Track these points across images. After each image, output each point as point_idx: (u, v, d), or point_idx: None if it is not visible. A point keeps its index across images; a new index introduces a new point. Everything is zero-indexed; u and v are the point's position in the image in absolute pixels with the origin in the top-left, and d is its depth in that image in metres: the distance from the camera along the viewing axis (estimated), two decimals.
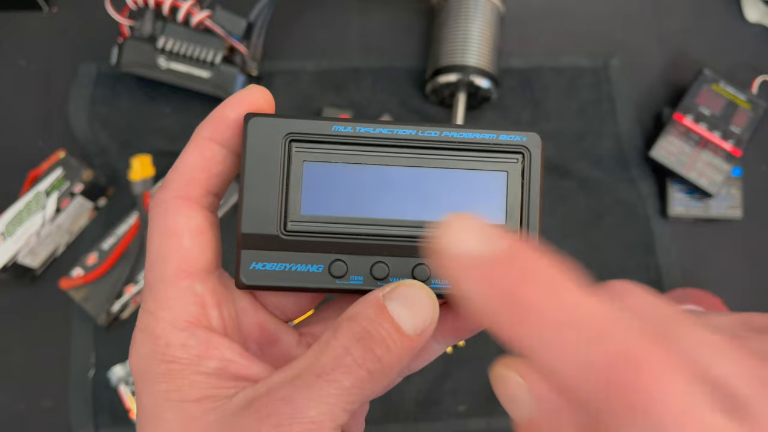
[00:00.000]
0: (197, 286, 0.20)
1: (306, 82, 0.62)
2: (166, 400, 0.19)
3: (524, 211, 0.22)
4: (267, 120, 0.21)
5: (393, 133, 0.22)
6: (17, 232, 0.53)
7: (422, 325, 0.19)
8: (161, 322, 0.19)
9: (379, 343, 0.18)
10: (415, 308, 0.19)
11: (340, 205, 0.21)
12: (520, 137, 0.22)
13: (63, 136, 0.60)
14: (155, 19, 0.57)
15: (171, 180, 0.21)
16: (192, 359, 0.19)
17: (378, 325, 0.18)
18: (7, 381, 0.55)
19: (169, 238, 0.20)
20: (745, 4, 0.66)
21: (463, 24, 0.58)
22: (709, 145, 0.58)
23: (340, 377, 0.18)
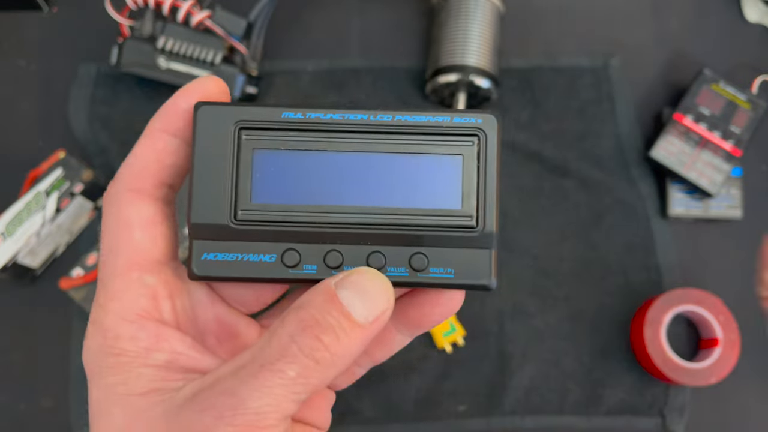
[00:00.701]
0: (148, 278, 0.20)
1: (306, 81, 0.62)
2: (113, 393, 0.18)
3: (480, 195, 0.21)
4: (216, 108, 0.21)
5: (344, 118, 0.21)
6: (17, 232, 0.53)
7: (374, 312, 0.19)
8: (110, 314, 0.19)
9: (327, 331, 0.18)
10: (367, 296, 0.19)
11: (292, 193, 0.21)
12: (474, 119, 0.21)
13: (63, 136, 0.60)
14: (155, 19, 0.57)
15: (122, 173, 0.21)
16: (140, 352, 0.19)
17: (326, 313, 0.18)
18: (7, 381, 0.55)
19: (119, 231, 0.20)
20: (745, 5, 0.66)
21: (463, 24, 0.58)
22: (709, 145, 0.58)
23: (285, 367, 0.17)
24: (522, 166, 0.60)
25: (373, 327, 0.19)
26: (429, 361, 0.55)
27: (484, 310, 0.57)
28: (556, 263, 0.58)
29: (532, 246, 0.58)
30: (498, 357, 0.55)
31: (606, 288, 0.57)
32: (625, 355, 0.56)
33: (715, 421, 0.55)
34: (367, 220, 0.21)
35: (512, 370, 0.55)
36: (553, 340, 0.56)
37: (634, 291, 0.57)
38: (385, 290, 0.19)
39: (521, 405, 0.55)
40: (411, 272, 0.21)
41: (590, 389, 0.55)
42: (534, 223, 0.59)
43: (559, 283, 0.57)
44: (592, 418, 0.54)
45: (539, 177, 0.60)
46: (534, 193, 0.60)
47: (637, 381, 0.55)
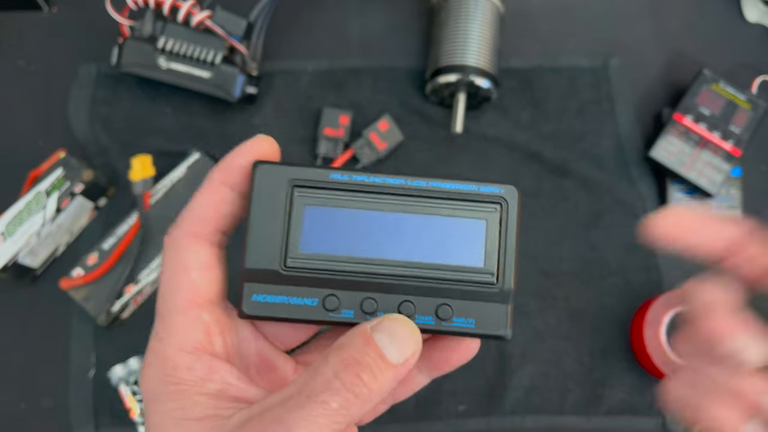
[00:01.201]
0: (204, 315, 0.22)
1: (306, 82, 0.62)
2: (171, 418, 0.20)
3: (501, 256, 0.24)
4: (273, 167, 0.24)
5: (384, 182, 0.24)
6: (17, 232, 0.53)
7: (405, 354, 0.21)
8: (170, 347, 0.21)
9: (365, 369, 0.20)
10: (399, 339, 0.21)
11: (335, 245, 0.24)
12: (498, 189, 0.24)
13: (63, 136, 0.60)
14: (155, 19, 0.57)
15: (183, 219, 0.23)
16: (196, 381, 0.21)
17: (365, 353, 0.20)
18: (7, 381, 0.55)
19: (179, 272, 0.23)
20: (744, 4, 0.66)
21: (463, 24, 0.58)
22: (708, 145, 0.58)
23: (329, 399, 0.19)
24: (522, 166, 0.60)
25: (404, 367, 0.21)
26: None
27: None
28: (556, 263, 0.58)
29: (532, 246, 0.58)
30: (498, 357, 0.55)
31: (606, 288, 0.57)
32: (625, 355, 0.56)
33: None
34: (400, 272, 0.24)
35: (512, 370, 0.55)
36: (553, 340, 0.56)
37: (634, 291, 0.57)
38: (414, 335, 0.22)
39: (521, 405, 0.55)
40: (437, 320, 0.24)
41: (590, 389, 0.55)
42: (534, 223, 0.59)
43: (559, 283, 0.57)
44: (592, 418, 0.54)
45: (539, 177, 0.60)
46: (534, 193, 0.60)
47: (637, 381, 0.55)
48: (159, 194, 0.56)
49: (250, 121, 0.61)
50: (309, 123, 0.61)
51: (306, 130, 0.61)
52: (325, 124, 0.60)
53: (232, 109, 0.61)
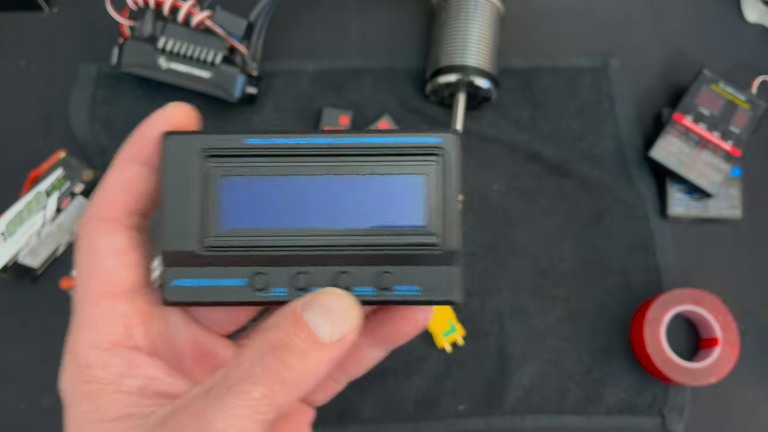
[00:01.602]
0: (122, 306, 0.20)
1: (306, 82, 0.62)
2: (86, 420, 0.19)
3: (443, 213, 0.22)
4: (183, 137, 0.22)
5: (308, 143, 0.21)
6: (18, 232, 0.53)
7: (340, 332, 0.19)
8: (82, 343, 0.20)
9: (292, 352, 0.18)
10: (333, 316, 0.19)
11: (259, 218, 0.21)
12: (435, 139, 0.22)
13: (63, 137, 0.60)
14: (156, 19, 0.57)
15: (93, 203, 0.21)
16: (113, 378, 0.19)
17: (293, 334, 0.18)
18: (7, 380, 0.55)
19: (91, 260, 0.20)
20: (744, 5, 0.66)
21: (462, 24, 0.58)
22: (708, 145, 0.58)
23: (250, 388, 0.17)
24: (522, 166, 0.60)
25: (340, 346, 0.19)
26: (429, 360, 0.55)
27: (484, 310, 0.57)
28: (555, 263, 0.58)
29: (531, 246, 0.58)
30: (498, 357, 0.55)
31: (606, 288, 0.57)
32: (625, 355, 0.56)
33: (714, 421, 0.55)
34: (333, 242, 0.21)
35: (512, 369, 0.55)
36: (553, 340, 0.56)
37: (634, 291, 0.57)
38: (351, 309, 0.20)
39: (521, 404, 0.55)
40: (378, 291, 0.21)
41: (590, 389, 0.55)
42: (534, 223, 0.59)
43: (558, 283, 0.58)
44: (592, 418, 0.54)
45: (539, 177, 0.60)
46: (534, 193, 0.60)
47: (637, 381, 0.55)
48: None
49: (251, 121, 0.61)
50: (309, 123, 0.61)
51: None
52: (325, 124, 0.60)
53: (232, 109, 0.61)
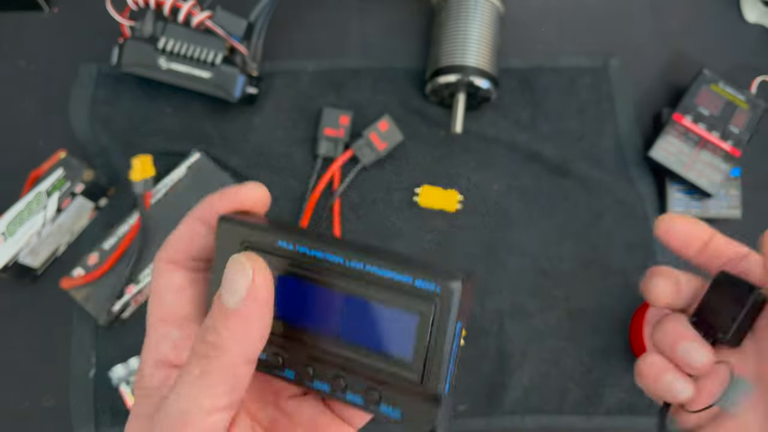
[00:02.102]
0: (173, 332, 0.25)
1: (306, 82, 0.63)
2: (136, 415, 0.24)
3: (429, 356, 0.22)
4: (231, 226, 0.25)
5: (324, 257, 0.23)
6: (18, 232, 0.53)
7: (239, 293, 0.21)
8: (144, 356, 0.25)
9: (209, 330, 0.21)
10: (228, 283, 0.22)
11: (278, 309, 0.23)
12: (434, 286, 0.22)
13: (64, 137, 0.60)
14: (156, 19, 0.57)
15: (163, 246, 0.26)
16: (154, 387, 0.24)
17: (210, 317, 0.22)
18: (8, 380, 0.55)
19: (154, 293, 0.25)
20: (744, 5, 0.67)
21: (462, 24, 0.58)
22: (708, 145, 0.58)
23: (190, 369, 0.21)
24: (522, 166, 0.61)
25: (249, 305, 0.21)
26: None
27: (484, 310, 0.57)
28: (555, 263, 0.58)
29: (531, 246, 0.58)
30: (498, 356, 0.56)
31: (605, 288, 0.57)
32: (624, 354, 0.56)
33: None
34: (332, 349, 0.23)
35: (512, 369, 0.55)
36: (553, 340, 0.56)
37: (634, 291, 0.57)
38: (242, 270, 0.21)
39: (521, 404, 0.55)
40: (366, 402, 0.23)
41: (590, 389, 0.55)
42: (534, 223, 0.59)
43: (558, 282, 0.58)
44: (592, 418, 0.54)
45: (539, 177, 0.60)
46: (534, 193, 0.60)
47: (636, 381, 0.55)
48: (159, 194, 0.56)
49: (251, 121, 0.61)
50: (309, 123, 0.62)
51: (306, 131, 0.61)
52: (326, 125, 0.60)
53: (232, 109, 0.61)
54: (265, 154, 0.60)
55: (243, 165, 0.60)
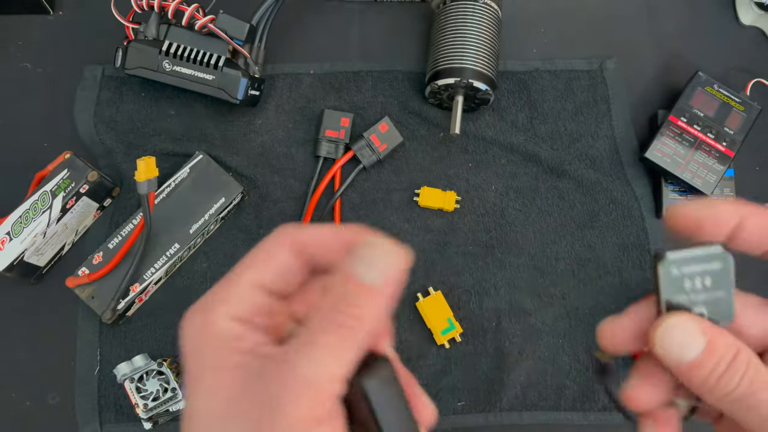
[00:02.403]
0: (260, 298, 0.24)
1: (307, 84, 0.63)
2: (208, 367, 0.22)
3: None
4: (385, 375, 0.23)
5: None
6: (24, 232, 0.54)
7: (384, 274, 0.22)
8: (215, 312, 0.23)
9: (349, 304, 0.21)
10: (371, 262, 0.22)
11: None
12: None
13: (68, 138, 0.61)
14: (159, 22, 0.58)
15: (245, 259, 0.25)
16: (232, 338, 0.23)
17: (346, 288, 0.22)
18: (13, 378, 0.56)
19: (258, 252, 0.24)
20: (739, 8, 0.67)
21: (461, 28, 0.59)
22: (702, 147, 0.59)
23: (326, 338, 0.21)
24: (519, 167, 0.61)
25: (388, 288, 0.22)
26: (428, 357, 0.56)
27: (482, 308, 0.57)
28: (552, 262, 0.59)
29: (528, 245, 0.59)
30: (496, 354, 0.56)
31: (601, 287, 0.58)
32: None
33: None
34: None
35: (509, 367, 0.56)
36: (550, 338, 0.57)
37: (629, 290, 0.58)
38: (389, 252, 0.22)
39: (519, 401, 0.55)
40: None
41: (586, 386, 0.56)
42: (530, 223, 0.60)
43: (555, 281, 0.58)
44: (588, 414, 0.55)
45: (535, 178, 0.61)
46: (531, 194, 0.61)
47: None
48: (163, 194, 0.57)
49: (253, 123, 0.62)
50: (310, 125, 0.62)
51: (307, 132, 0.62)
52: (326, 126, 0.61)
53: (234, 111, 0.62)
54: (266, 155, 0.61)
55: (245, 166, 0.60)
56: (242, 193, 0.59)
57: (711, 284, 0.25)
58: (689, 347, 0.23)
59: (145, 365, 0.53)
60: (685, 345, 0.23)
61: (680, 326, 0.23)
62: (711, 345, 0.23)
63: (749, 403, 0.22)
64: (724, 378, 0.22)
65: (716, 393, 0.23)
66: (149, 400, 0.52)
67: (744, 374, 0.22)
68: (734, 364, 0.22)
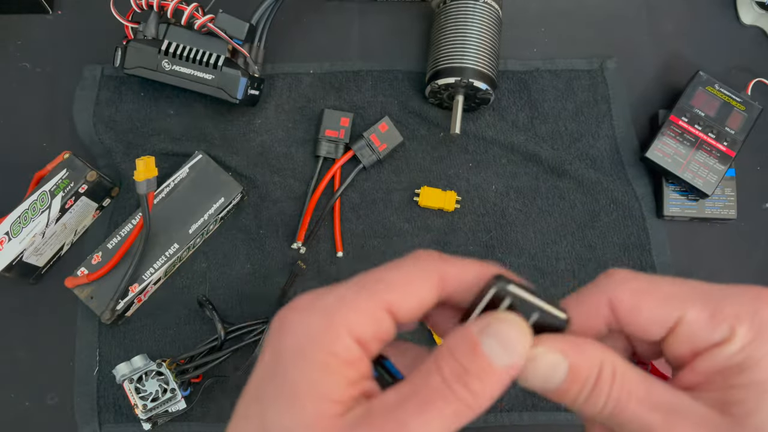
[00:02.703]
0: (386, 321, 0.22)
1: (307, 84, 0.63)
2: (313, 390, 0.20)
3: None
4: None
5: None
6: (23, 232, 0.54)
7: (514, 360, 0.21)
8: (341, 324, 0.21)
9: (474, 379, 0.20)
10: (507, 345, 0.20)
11: None
12: None
13: (68, 138, 0.61)
14: (159, 21, 0.58)
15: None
16: (346, 363, 0.21)
17: (472, 362, 0.20)
18: (12, 379, 0.56)
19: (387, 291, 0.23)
20: (740, 7, 0.67)
21: (461, 27, 0.59)
22: (703, 146, 0.59)
23: (443, 406, 0.20)
24: (519, 167, 0.61)
25: (513, 371, 0.21)
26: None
27: None
28: (553, 262, 0.59)
29: (529, 245, 0.59)
30: None
31: None
32: None
33: None
34: None
35: None
36: None
37: None
38: (523, 335, 0.21)
39: (518, 401, 0.55)
40: None
41: None
42: (531, 223, 0.60)
43: (555, 281, 0.58)
44: None
45: (536, 178, 0.61)
46: (531, 194, 0.61)
47: None
48: (162, 194, 0.57)
49: (252, 123, 0.62)
50: (310, 124, 0.62)
51: (307, 132, 0.62)
52: (326, 126, 0.61)
53: (234, 110, 0.62)
54: (266, 155, 0.61)
55: (244, 165, 0.60)
56: (242, 193, 0.58)
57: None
58: (552, 378, 0.22)
59: (145, 366, 0.53)
60: (547, 378, 0.22)
61: (541, 358, 0.21)
62: (573, 370, 0.21)
63: (621, 420, 0.21)
64: (592, 399, 0.22)
65: (588, 412, 0.22)
66: (148, 401, 0.52)
67: (609, 393, 0.21)
68: (599, 384, 0.21)
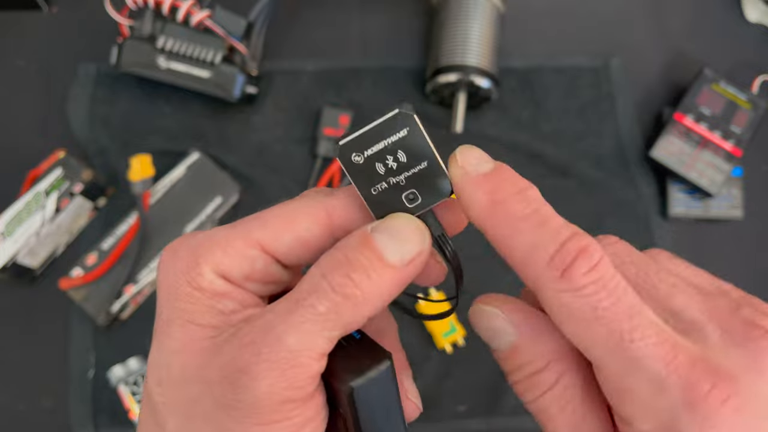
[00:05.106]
0: (260, 259, 0.20)
1: (306, 81, 0.62)
2: (179, 318, 0.19)
3: None
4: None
5: None
6: (17, 232, 0.53)
7: (408, 255, 0.19)
8: (205, 263, 0.20)
9: (357, 269, 0.18)
10: (401, 238, 0.19)
11: None
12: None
13: (62, 136, 0.60)
14: (155, 18, 0.57)
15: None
16: (213, 294, 0.20)
17: (359, 252, 0.19)
18: (6, 381, 0.55)
19: (259, 219, 0.21)
20: (745, 4, 0.66)
21: (463, 24, 0.58)
22: (709, 145, 0.58)
23: (315, 302, 0.18)
24: (523, 166, 0.60)
25: (408, 269, 0.19)
26: (429, 361, 0.55)
27: None
28: None
29: None
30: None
31: None
32: None
33: None
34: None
35: None
36: None
37: None
38: (417, 233, 0.20)
39: (521, 405, 0.54)
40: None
41: None
42: None
43: None
44: None
45: (540, 176, 0.60)
46: None
47: None
48: (158, 194, 0.56)
49: (250, 121, 0.61)
50: (309, 123, 0.61)
51: (306, 130, 0.61)
52: (325, 124, 0.60)
53: (231, 108, 0.61)
54: (264, 154, 0.60)
55: (242, 164, 0.59)
56: (239, 193, 0.58)
57: (406, 158, 0.21)
58: (493, 341, 0.21)
59: (140, 368, 0.52)
60: (488, 337, 0.21)
61: (491, 318, 0.21)
62: (515, 350, 0.20)
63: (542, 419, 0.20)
64: (519, 387, 0.20)
65: (518, 392, 0.21)
66: None
67: (539, 397, 0.20)
68: (535, 379, 0.20)
